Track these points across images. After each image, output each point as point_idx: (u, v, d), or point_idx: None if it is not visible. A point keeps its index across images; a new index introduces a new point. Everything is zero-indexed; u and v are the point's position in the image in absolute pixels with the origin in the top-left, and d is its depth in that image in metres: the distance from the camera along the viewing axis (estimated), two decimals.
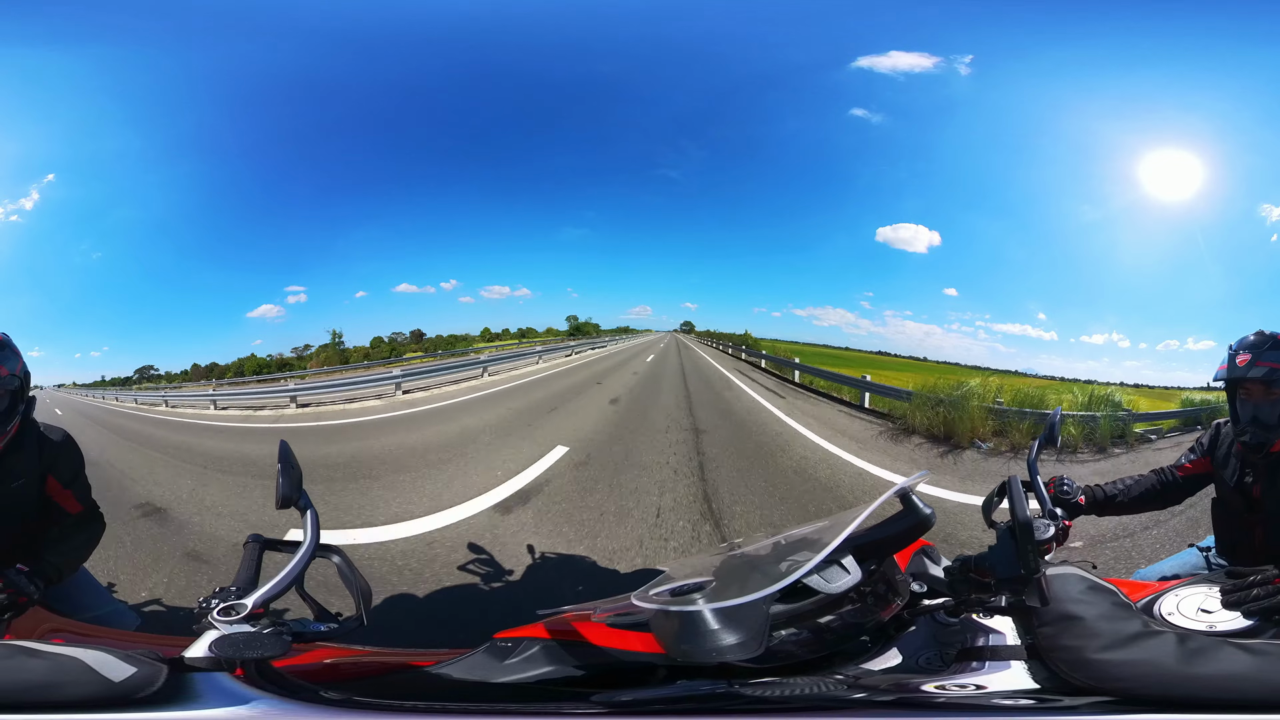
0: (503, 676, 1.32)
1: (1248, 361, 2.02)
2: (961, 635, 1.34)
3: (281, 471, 1.27)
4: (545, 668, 1.32)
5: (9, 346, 1.98)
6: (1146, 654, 1.06)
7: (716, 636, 1.10)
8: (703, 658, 1.11)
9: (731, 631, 1.11)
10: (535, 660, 1.34)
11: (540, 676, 1.30)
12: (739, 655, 1.10)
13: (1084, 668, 1.08)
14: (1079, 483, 2.14)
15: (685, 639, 1.14)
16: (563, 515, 4.88)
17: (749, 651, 1.09)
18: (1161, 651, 1.06)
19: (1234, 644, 1.07)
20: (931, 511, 1.25)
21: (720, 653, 1.10)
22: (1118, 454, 7.39)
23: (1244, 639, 1.12)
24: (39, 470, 2.06)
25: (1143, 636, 1.08)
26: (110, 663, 1.06)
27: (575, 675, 1.30)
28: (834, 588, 1.18)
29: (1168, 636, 1.08)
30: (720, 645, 1.10)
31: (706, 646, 1.10)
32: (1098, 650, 1.08)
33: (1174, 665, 1.03)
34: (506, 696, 1.30)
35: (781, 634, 1.17)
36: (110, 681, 1.03)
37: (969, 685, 1.19)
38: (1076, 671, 1.09)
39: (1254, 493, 2.10)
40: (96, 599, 2.39)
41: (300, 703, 1.11)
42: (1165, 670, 1.03)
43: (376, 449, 7.30)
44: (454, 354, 16.39)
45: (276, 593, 1.17)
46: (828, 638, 1.21)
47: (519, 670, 1.33)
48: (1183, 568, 2.37)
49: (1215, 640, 1.09)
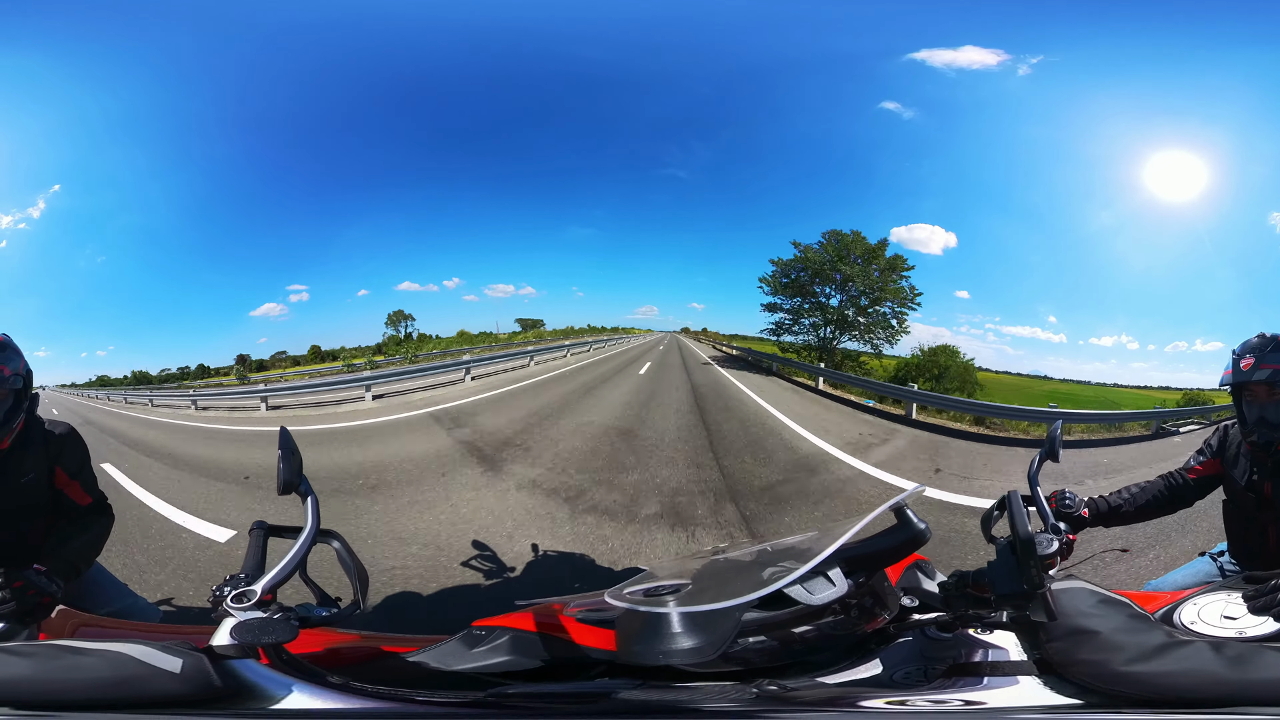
0: (465, 665, 1.34)
1: (1251, 365, 2.02)
2: (955, 650, 1.30)
3: (282, 458, 1.29)
4: (505, 657, 1.34)
5: (10, 347, 1.99)
6: (1187, 663, 1.05)
7: (672, 639, 1.10)
8: (648, 659, 1.11)
9: (691, 636, 1.09)
10: (500, 650, 1.36)
11: (498, 666, 1.32)
12: (687, 660, 1.09)
13: (1116, 680, 1.07)
14: (1081, 495, 2.10)
15: (640, 640, 1.13)
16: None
17: (701, 657, 1.08)
18: (1203, 660, 1.05)
19: (1272, 648, 1.07)
20: (926, 526, 1.21)
21: (668, 655, 1.09)
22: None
23: (1276, 642, 1.13)
24: (47, 463, 2.09)
25: (1172, 646, 1.07)
26: (155, 655, 1.08)
27: (532, 666, 1.31)
28: (816, 599, 1.15)
29: (1199, 645, 1.08)
30: (670, 648, 1.09)
31: (656, 648, 1.10)
32: (1125, 663, 1.07)
33: (1226, 672, 1.03)
34: (460, 685, 1.31)
35: (748, 641, 1.16)
36: (174, 675, 1.05)
37: (953, 700, 1.18)
38: (1109, 685, 1.07)
39: (1265, 490, 2.08)
40: (114, 593, 2.42)
41: (321, 689, 1.14)
42: (1218, 677, 1.03)
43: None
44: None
45: (283, 578, 1.20)
46: (795, 647, 1.19)
47: (482, 659, 1.35)
48: (1195, 577, 2.32)
49: (1253, 646, 1.08)
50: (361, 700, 1.15)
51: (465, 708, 1.17)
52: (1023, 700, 1.16)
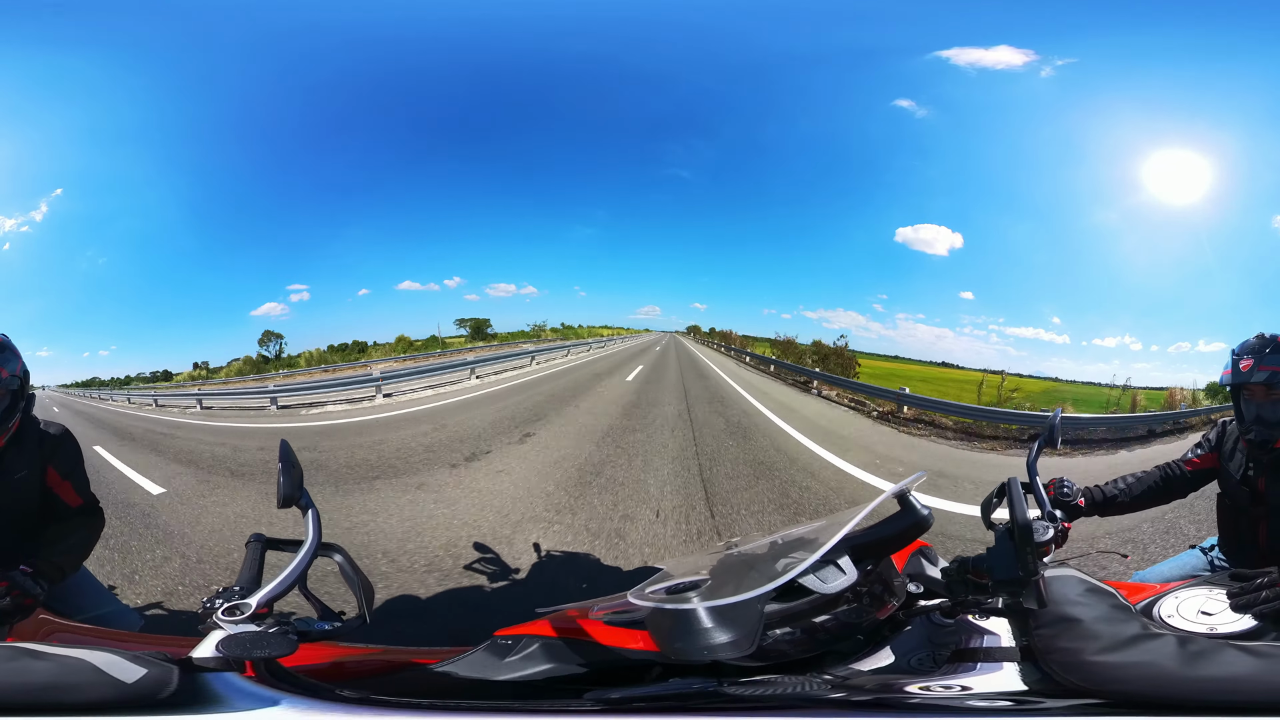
0: (504, 674, 1.33)
1: (1250, 366, 2.10)
2: (956, 636, 1.35)
3: (283, 471, 1.26)
4: (544, 665, 1.33)
5: (9, 348, 2.02)
6: (1146, 656, 1.05)
7: (709, 635, 1.12)
8: (695, 656, 1.12)
9: (724, 630, 1.12)
10: (534, 658, 1.35)
11: (540, 674, 1.31)
12: (730, 654, 1.10)
13: (1080, 670, 1.08)
14: (1079, 484, 2.18)
15: (678, 637, 1.15)
16: None
17: (740, 650, 1.10)
18: (1161, 654, 1.05)
19: (1236, 646, 1.06)
20: (929, 513, 1.25)
21: (712, 651, 1.11)
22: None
23: (1245, 641, 1.11)
24: (39, 463, 2.11)
25: (1142, 639, 1.08)
26: (118, 664, 1.04)
27: (573, 672, 1.31)
28: (829, 588, 1.19)
29: (1167, 639, 1.08)
30: (712, 643, 1.11)
31: (699, 644, 1.12)
32: (1096, 652, 1.07)
33: (1175, 667, 1.03)
34: (508, 694, 1.31)
35: (775, 633, 1.18)
36: (122, 683, 1.01)
37: (955, 686, 1.20)
38: (1071, 674, 1.08)
39: (1259, 486, 2.16)
40: (97, 599, 2.39)
41: (321, 701, 1.11)
42: (1165, 672, 1.03)
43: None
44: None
45: (280, 592, 1.17)
46: (821, 637, 1.21)
47: (519, 668, 1.34)
48: (1184, 569, 2.39)
49: (1216, 643, 1.08)
50: (389, 714, 1.12)
51: (559, 715, 1.16)
52: (1000, 686, 1.18)
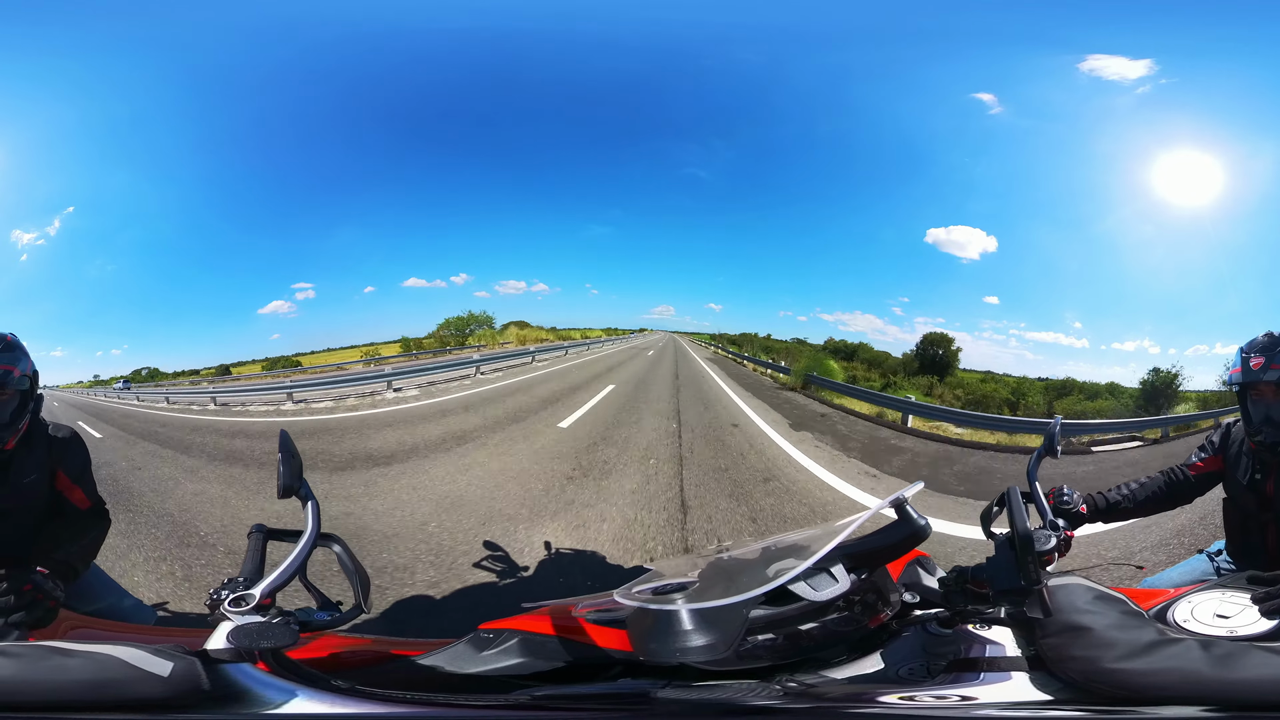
0: (479, 668, 1.34)
1: (1262, 365, 2.02)
2: (954, 646, 1.31)
3: (282, 461, 1.27)
4: (519, 659, 1.33)
5: (18, 347, 2.00)
6: (1172, 661, 1.04)
7: (685, 637, 1.11)
8: (665, 657, 1.12)
9: (703, 633, 1.10)
10: (511, 652, 1.36)
11: (510, 669, 1.32)
12: (702, 657, 1.10)
13: (1104, 677, 1.06)
14: (1079, 491, 2.12)
15: (654, 638, 1.14)
16: None
17: (715, 654, 1.09)
18: (1188, 658, 1.04)
19: (1262, 648, 1.05)
20: (926, 523, 1.22)
21: (684, 654, 1.10)
22: None
23: (1268, 643, 1.11)
24: (49, 466, 2.10)
25: (1162, 644, 1.07)
26: (145, 658, 1.05)
27: (548, 668, 1.30)
28: (820, 596, 1.16)
29: (1189, 643, 1.07)
30: (685, 646, 1.10)
31: (672, 646, 1.11)
32: (1115, 660, 1.06)
33: (1207, 670, 1.02)
34: (476, 688, 1.31)
35: (757, 638, 1.16)
36: (160, 678, 1.02)
37: (952, 696, 1.18)
38: (1094, 681, 1.07)
39: (1267, 490, 2.08)
40: (108, 594, 2.41)
41: (322, 692, 1.13)
42: (1199, 676, 1.02)
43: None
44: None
45: (282, 582, 1.19)
46: (804, 644, 1.19)
47: (494, 661, 1.35)
48: (1191, 574, 2.33)
49: (1242, 645, 1.07)
50: (372, 705, 1.13)
51: (495, 710, 1.16)
52: (1013, 696, 1.16)
